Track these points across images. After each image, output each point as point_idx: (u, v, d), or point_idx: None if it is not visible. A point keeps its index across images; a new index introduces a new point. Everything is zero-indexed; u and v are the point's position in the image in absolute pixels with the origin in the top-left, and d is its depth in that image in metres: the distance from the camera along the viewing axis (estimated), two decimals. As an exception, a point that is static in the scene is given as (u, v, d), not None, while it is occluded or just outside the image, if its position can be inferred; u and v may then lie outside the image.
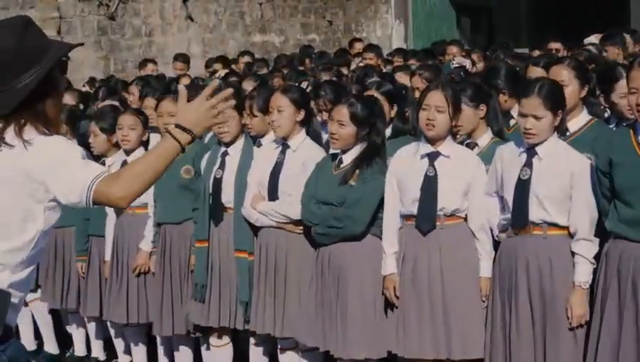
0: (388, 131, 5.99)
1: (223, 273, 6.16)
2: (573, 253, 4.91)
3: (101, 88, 10.06)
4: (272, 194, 5.87)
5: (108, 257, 6.76)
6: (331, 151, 5.78)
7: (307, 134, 5.97)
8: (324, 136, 6.31)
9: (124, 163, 6.60)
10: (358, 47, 13.53)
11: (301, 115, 5.91)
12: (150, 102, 7.83)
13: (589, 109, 5.67)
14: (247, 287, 6.00)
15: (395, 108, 6.23)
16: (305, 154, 5.86)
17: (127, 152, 6.67)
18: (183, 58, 13.01)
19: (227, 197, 6.14)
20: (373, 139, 5.52)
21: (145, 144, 6.72)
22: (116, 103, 8.18)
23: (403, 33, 17.71)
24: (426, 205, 5.25)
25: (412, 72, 8.12)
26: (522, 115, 5.00)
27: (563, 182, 4.92)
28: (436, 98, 5.26)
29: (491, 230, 5.24)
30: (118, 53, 15.31)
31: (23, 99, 3.37)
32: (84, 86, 11.91)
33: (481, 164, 5.29)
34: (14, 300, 3.42)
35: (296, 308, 5.74)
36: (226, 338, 6.33)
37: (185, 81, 10.61)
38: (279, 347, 6.04)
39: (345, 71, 10.43)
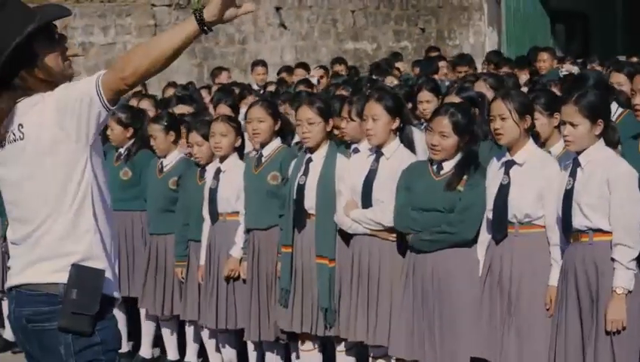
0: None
1: (305, 279, 6.18)
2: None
3: (175, 95, 10.14)
4: (366, 202, 5.86)
5: (202, 262, 6.83)
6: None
7: (401, 141, 5.95)
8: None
9: (218, 170, 6.66)
10: (434, 54, 13.50)
11: (396, 123, 5.89)
12: (223, 108, 7.90)
13: None
14: (328, 294, 6.02)
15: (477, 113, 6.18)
16: (399, 161, 5.84)
17: (221, 159, 6.72)
18: (262, 63, 13.09)
19: (310, 203, 6.16)
20: (473, 146, 5.54)
21: (239, 150, 6.76)
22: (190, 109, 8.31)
23: (496, 40, 17.57)
24: (498, 213, 5.29)
25: (476, 77, 8.11)
26: (561, 122, 5.15)
27: (602, 189, 4.94)
28: (498, 107, 5.33)
29: None
30: (212, 61, 15.46)
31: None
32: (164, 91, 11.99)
33: (558, 171, 5.24)
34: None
35: (388, 316, 5.73)
36: (311, 344, 6.33)
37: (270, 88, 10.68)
38: (371, 355, 6.02)
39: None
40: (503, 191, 5.27)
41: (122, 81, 3.33)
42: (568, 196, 5.02)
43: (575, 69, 10.36)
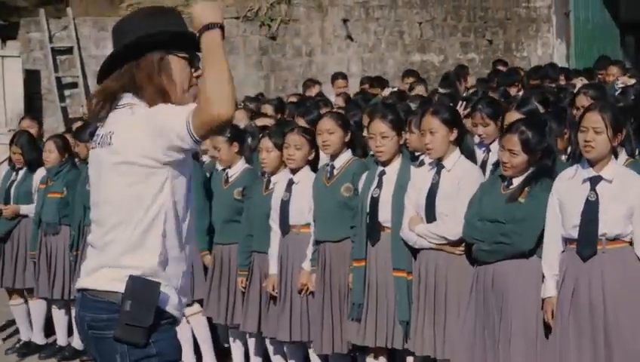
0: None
1: (380, 292, 6.15)
2: None
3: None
4: (430, 216, 5.85)
5: (272, 271, 6.82)
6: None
7: (461, 152, 5.94)
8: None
9: (290, 182, 6.68)
10: (500, 67, 13.41)
11: (454, 135, 5.88)
12: (300, 121, 7.93)
13: None
14: (407, 306, 5.98)
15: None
16: (460, 173, 5.82)
17: (293, 171, 6.74)
18: (343, 76, 13.10)
19: (384, 216, 6.14)
20: (545, 161, 5.46)
21: (312, 163, 6.77)
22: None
23: (565, 52, 17.42)
24: (587, 231, 5.16)
25: (577, 91, 8.00)
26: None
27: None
28: (594, 119, 5.19)
29: None
30: (279, 73, 15.54)
31: (118, 58, 3.54)
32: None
33: None
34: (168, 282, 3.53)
35: (456, 330, 5.70)
36: (383, 359, 6.31)
37: (340, 100, 10.68)
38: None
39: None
40: (592, 207, 5.15)
41: (224, 114, 3.29)
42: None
43: (631, 82, 10.24)
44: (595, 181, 5.19)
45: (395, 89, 11.10)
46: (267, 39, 15.55)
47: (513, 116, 6.21)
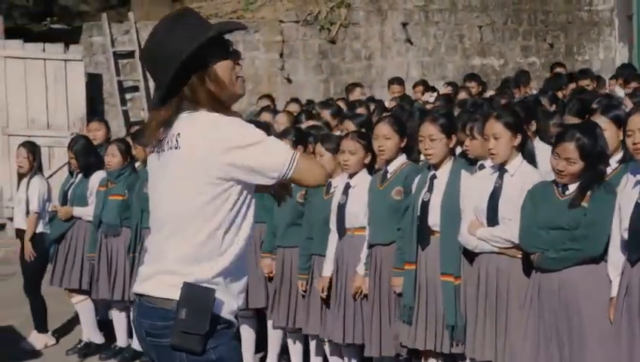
0: (618, 157, 5.84)
1: (429, 295, 6.16)
2: None
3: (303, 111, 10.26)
4: (492, 220, 5.81)
5: (326, 273, 6.85)
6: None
7: (523, 156, 5.90)
8: None
9: (347, 185, 6.69)
10: (559, 70, 13.30)
11: (517, 140, 5.84)
12: (349, 125, 7.93)
13: None
14: (454, 311, 5.98)
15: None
16: (522, 178, 5.78)
17: (350, 175, 6.74)
18: (399, 81, 13.08)
19: (434, 220, 6.14)
20: (600, 165, 5.40)
21: (369, 166, 6.78)
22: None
23: (627, 56, 17.22)
24: (635, 235, 5.12)
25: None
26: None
27: None
28: (637, 121, 5.18)
29: None
30: (338, 77, 15.56)
31: (169, 86, 3.49)
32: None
33: None
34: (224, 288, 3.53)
35: (517, 334, 5.66)
36: (435, 361, 6.31)
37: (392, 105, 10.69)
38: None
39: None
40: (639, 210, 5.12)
41: (316, 184, 3.63)
42: None
43: None
44: None
45: (435, 93, 11.08)
46: (327, 43, 15.58)
47: (599, 120, 6.10)
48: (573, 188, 5.42)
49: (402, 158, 6.60)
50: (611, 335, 5.25)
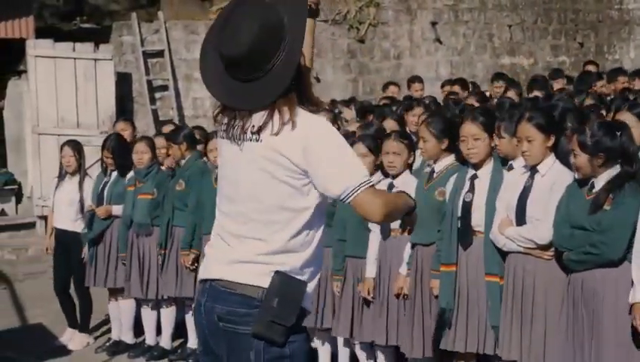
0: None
1: (471, 297, 6.10)
2: None
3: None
4: (520, 219, 5.78)
5: (369, 274, 6.79)
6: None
7: (556, 156, 5.86)
8: None
9: (391, 185, 6.65)
10: (592, 69, 13.21)
11: (551, 140, 5.80)
12: (390, 123, 7.92)
13: None
14: (499, 311, 5.92)
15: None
16: (553, 177, 5.74)
17: (394, 176, 6.70)
18: (419, 79, 13.05)
19: (477, 220, 6.08)
20: (625, 166, 5.35)
21: (410, 167, 6.75)
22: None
23: (658, 55, 17.11)
24: None
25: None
26: None
27: None
28: None
29: None
30: (367, 76, 15.54)
31: (291, 81, 3.38)
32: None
33: None
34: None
35: (543, 335, 5.62)
36: (465, 362, 6.29)
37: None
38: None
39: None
40: None
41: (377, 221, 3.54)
42: None
43: None
44: None
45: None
46: (356, 42, 15.56)
47: (624, 117, 6.06)
48: (599, 185, 5.38)
49: (450, 158, 6.51)
50: (630, 340, 5.20)
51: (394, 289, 6.58)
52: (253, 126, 3.42)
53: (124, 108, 14.44)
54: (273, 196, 3.44)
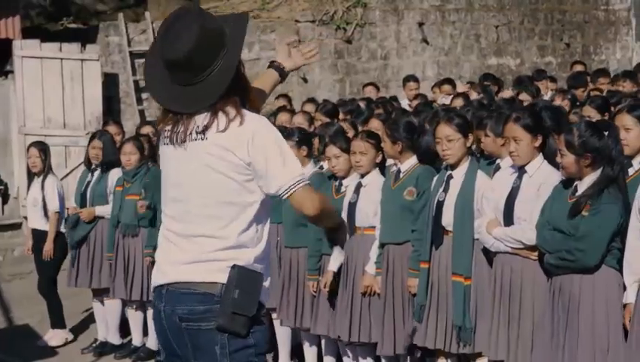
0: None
1: (441, 294, 6.19)
2: None
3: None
4: (508, 219, 5.80)
5: (331, 268, 6.86)
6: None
7: (544, 156, 5.87)
8: None
9: (359, 184, 6.71)
10: (580, 69, 13.24)
11: (538, 141, 5.81)
12: (375, 123, 7.94)
13: None
14: (462, 311, 6.00)
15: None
16: (541, 178, 5.76)
17: (362, 175, 6.76)
18: (414, 79, 13.07)
19: (447, 219, 6.15)
20: (606, 168, 5.32)
21: (380, 165, 6.79)
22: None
23: (644, 56, 17.16)
24: None
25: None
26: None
27: None
28: (625, 120, 5.18)
29: None
30: (354, 76, 15.55)
31: (230, 83, 3.51)
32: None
33: None
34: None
35: (530, 335, 5.64)
36: (445, 360, 6.32)
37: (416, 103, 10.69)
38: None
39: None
40: None
41: (310, 218, 3.66)
42: None
43: None
44: None
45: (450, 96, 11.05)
46: (343, 43, 15.57)
47: (624, 118, 6.07)
48: (582, 188, 5.37)
49: (414, 159, 6.61)
50: (607, 344, 5.22)
51: (360, 287, 6.62)
52: (198, 126, 3.55)
53: (111, 108, 14.42)
54: (220, 192, 3.53)
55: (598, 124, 5.57)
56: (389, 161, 7.03)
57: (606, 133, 5.36)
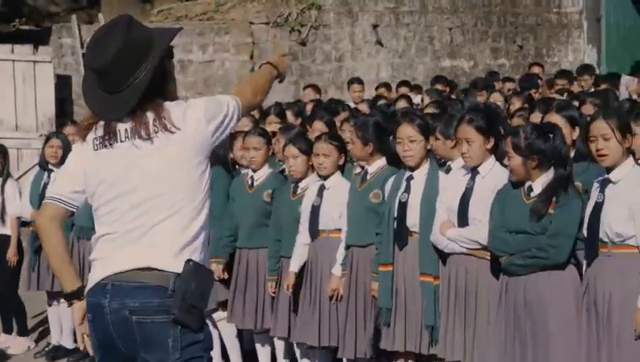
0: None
1: (408, 297, 6.14)
2: None
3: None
4: (462, 220, 5.82)
5: (292, 269, 6.84)
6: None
7: (497, 158, 5.91)
8: None
9: (322, 187, 6.69)
10: (537, 70, 13.34)
11: (490, 143, 5.85)
12: (319, 125, 7.95)
13: None
14: (434, 311, 5.97)
15: (577, 130, 6.07)
16: (494, 179, 5.78)
17: (324, 177, 6.75)
18: (359, 81, 13.06)
19: (412, 220, 6.13)
20: (559, 168, 5.39)
21: (342, 168, 6.78)
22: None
23: (596, 58, 17.31)
24: (590, 232, 5.19)
25: (582, 100, 7.98)
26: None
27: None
28: (600, 127, 5.20)
29: None
30: (308, 78, 15.54)
31: (143, 93, 3.58)
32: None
33: None
34: None
35: (486, 335, 5.66)
36: (403, 362, 6.32)
37: (363, 106, 10.68)
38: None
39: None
40: (597, 209, 5.17)
41: (258, 103, 4.04)
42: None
43: None
44: (604, 183, 5.22)
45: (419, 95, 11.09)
46: (297, 45, 15.57)
47: (553, 118, 6.16)
48: (537, 189, 5.43)
49: (383, 161, 6.60)
50: (578, 341, 5.27)
51: (327, 290, 6.61)
52: (133, 130, 3.61)
53: (64, 110, 14.31)
54: (165, 184, 3.57)
55: (543, 126, 5.63)
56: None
57: (551, 135, 5.44)
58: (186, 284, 3.47)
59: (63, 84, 14.40)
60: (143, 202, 3.59)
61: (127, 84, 3.59)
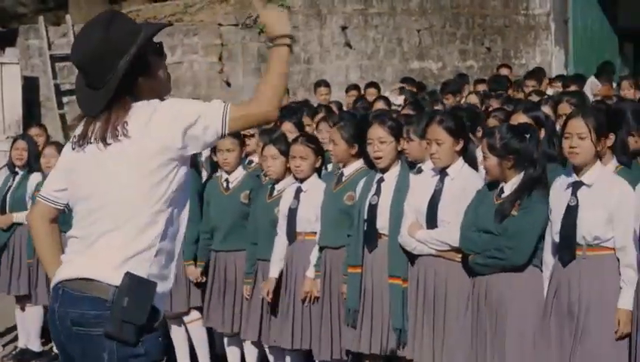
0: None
1: (376, 299, 6.14)
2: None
3: None
4: (431, 222, 5.83)
5: (272, 274, 6.79)
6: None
7: (465, 160, 5.93)
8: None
9: (299, 190, 6.67)
10: (506, 72, 13.42)
11: (460, 145, 5.86)
12: (288, 126, 7.95)
13: None
14: (401, 314, 5.97)
15: (543, 132, 6.11)
16: (463, 181, 5.81)
17: (301, 179, 6.72)
18: (325, 83, 13.08)
19: (382, 223, 6.13)
20: (530, 170, 5.42)
21: (319, 171, 6.77)
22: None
23: (563, 60, 17.43)
24: (565, 235, 5.18)
25: (558, 99, 8.04)
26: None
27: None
28: (577, 125, 5.21)
29: None
30: (277, 80, 15.51)
31: (117, 87, 3.51)
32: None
33: (629, 193, 5.15)
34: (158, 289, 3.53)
35: (454, 337, 5.68)
36: (371, 365, 6.31)
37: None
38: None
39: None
40: (571, 213, 5.18)
41: (272, 114, 3.71)
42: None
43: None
44: (576, 186, 5.23)
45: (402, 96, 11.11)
46: (266, 46, 15.55)
47: (519, 118, 6.17)
48: (508, 190, 5.46)
49: (359, 163, 6.57)
50: (532, 343, 5.29)
51: (301, 293, 6.59)
52: (98, 131, 3.54)
53: (32, 112, 14.21)
54: (126, 191, 3.48)
55: (519, 127, 5.66)
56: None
57: (527, 136, 5.46)
58: (119, 298, 3.39)
59: (30, 85, 14.31)
60: (95, 210, 3.53)
61: (106, 80, 3.53)
